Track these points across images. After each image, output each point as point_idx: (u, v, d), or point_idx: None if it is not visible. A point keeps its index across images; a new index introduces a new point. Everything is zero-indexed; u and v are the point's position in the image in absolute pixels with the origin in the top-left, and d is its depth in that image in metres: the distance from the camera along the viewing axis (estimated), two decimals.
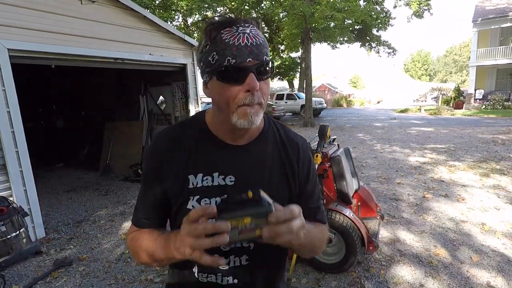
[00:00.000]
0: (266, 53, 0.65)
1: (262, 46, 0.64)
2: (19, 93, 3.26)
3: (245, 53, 0.61)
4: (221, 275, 0.78)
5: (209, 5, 15.05)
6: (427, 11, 15.84)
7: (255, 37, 0.63)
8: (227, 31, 0.62)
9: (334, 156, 2.61)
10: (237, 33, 0.62)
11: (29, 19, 3.31)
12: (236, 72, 0.63)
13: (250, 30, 0.63)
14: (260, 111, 0.67)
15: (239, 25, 0.63)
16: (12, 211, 2.95)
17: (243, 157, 0.75)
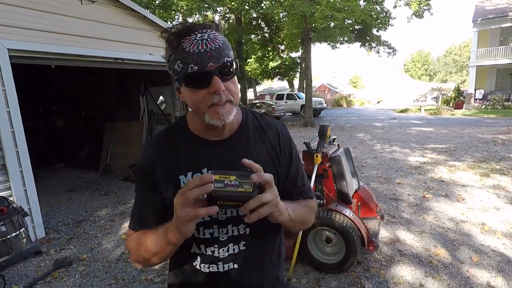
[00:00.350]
0: (227, 55, 0.68)
1: (222, 48, 0.67)
2: (19, 93, 3.26)
3: (205, 59, 0.65)
4: (222, 263, 0.81)
5: (209, 5, 15.05)
6: (427, 11, 15.84)
7: (213, 41, 0.66)
8: (186, 39, 0.66)
9: (334, 156, 2.61)
10: (196, 41, 0.65)
11: (29, 19, 3.31)
12: (201, 77, 0.67)
13: (208, 35, 0.67)
14: (232, 108, 0.72)
15: (197, 32, 0.67)
16: (12, 211, 2.95)
17: (228, 150, 0.79)
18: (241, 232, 0.81)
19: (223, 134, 0.80)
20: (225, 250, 0.81)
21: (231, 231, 0.80)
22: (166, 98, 6.27)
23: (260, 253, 0.86)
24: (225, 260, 0.81)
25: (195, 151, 0.79)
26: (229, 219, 0.79)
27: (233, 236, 0.81)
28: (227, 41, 0.71)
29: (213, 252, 0.81)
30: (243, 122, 0.84)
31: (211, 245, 0.80)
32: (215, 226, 0.79)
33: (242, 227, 0.81)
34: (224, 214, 0.79)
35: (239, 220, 0.80)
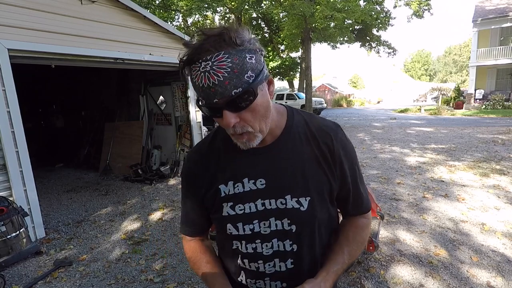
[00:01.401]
0: (236, 85, 0.59)
1: (229, 79, 0.58)
2: (19, 93, 3.26)
3: (210, 95, 0.60)
4: (269, 280, 0.79)
5: (209, 5, 15.05)
6: (427, 11, 15.84)
7: (216, 73, 0.58)
8: (194, 68, 0.60)
9: None
10: (199, 73, 0.59)
11: (29, 19, 3.31)
12: (211, 110, 0.63)
13: (212, 66, 0.58)
14: (254, 136, 0.67)
15: (201, 60, 0.59)
16: (12, 211, 2.95)
17: (270, 158, 0.75)
18: (288, 249, 0.76)
19: (265, 141, 0.74)
20: (271, 265, 0.77)
21: (276, 246, 0.76)
22: (166, 98, 6.27)
23: (311, 273, 0.78)
24: (272, 277, 0.78)
25: (236, 159, 0.76)
26: (274, 233, 0.75)
27: (279, 251, 0.76)
28: (242, 61, 0.59)
29: (258, 268, 0.78)
30: (287, 127, 0.77)
31: (255, 260, 0.77)
32: (258, 241, 0.76)
33: (289, 243, 0.76)
34: (268, 227, 0.75)
35: (285, 235, 0.75)
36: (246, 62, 0.60)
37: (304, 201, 0.73)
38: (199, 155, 0.81)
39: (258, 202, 0.74)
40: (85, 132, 7.70)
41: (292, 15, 12.48)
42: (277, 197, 0.73)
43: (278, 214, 0.74)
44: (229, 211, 0.75)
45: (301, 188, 0.73)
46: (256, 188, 0.74)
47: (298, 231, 0.75)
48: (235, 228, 0.75)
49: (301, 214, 0.73)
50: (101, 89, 7.40)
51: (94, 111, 7.63)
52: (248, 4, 15.81)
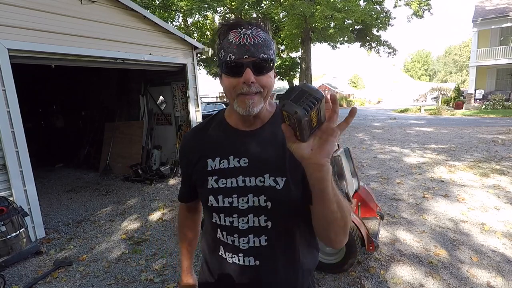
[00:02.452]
0: (264, 52, 0.73)
1: (261, 45, 0.72)
2: (19, 93, 3.26)
3: (242, 51, 0.71)
4: (242, 255, 0.83)
5: (209, 5, 15.04)
6: (427, 11, 15.82)
7: (254, 37, 0.72)
8: (233, 32, 0.74)
9: (334, 156, 2.61)
10: (239, 34, 0.73)
11: (29, 19, 3.32)
12: (236, 66, 0.73)
13: (252, 32, 0.73)
14: (260, 100, 0.76)
15: (243, 27, 0.74)
16: (12, 211, 2.95)
17: (255, 140, 0.83)
18: (262, 224, 0.80)
19: (254, 125, 0.84)
20: (245, 241, 0.82)
21: (251, 221, 0.81)
22: (166, 98, 6.27)
23: (284, 252, 0.82)
24: (246, 253, 0.82)
25: (225, 139, 0.86)
26: (250, 209, 0.80)
27: (254, 227, 0.81)
28: (270, 40, 0.76)
29: (233, 242, 0.83)
30: (274, 115, 0.87)
31: (232, 233, 0.83)
32: (235, 215, 0.81)
33: (263, 219, 0.80)
34: (246, 203, 0.80)
35: (261, 211, 0.80)
36: (272, 43, 0.77)
37: (281, 180, 0.79)
38: (193, 135, 0.93)
39: (239, 179, 0.81)
40: (85, 132, 7.70)
41: (292, 15, 12.48)
42: (256, 175, 0.80)
43: (256, 191, 0.80)
44: (213, 184, 0.82)
45: (279, 169, 0.80)
46: (240, 165, 0.81)
47: (273, 207, 0.79)
48: (216, 200, 0.82)
49: (277, 192, 0.78)
50: (101, 89, 7.40)
51: (94, 111, 7.63)
52: (248, 4, 15.80)
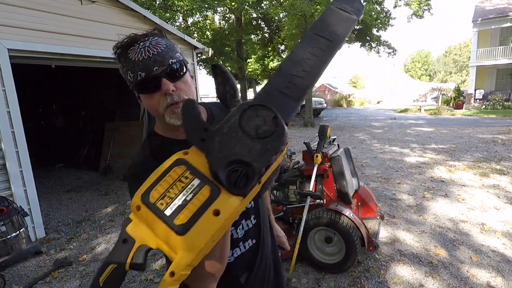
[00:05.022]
0: (171, 57, 0.71)
1: (165, 52, 0.71)
2: (19, 93, 3.26)
3: (150, 64, 0.69)
4: (242, 243, 0.86)
5: (210, 5, 15.05)
6: (427, 11, 15.82)
7: (155, 47, 0.70)
8: (131, 50, 0.71)
9: (334, 156, 2.61)
10: (139, 49, 0.70)
11: (29, 19, 3.32)
12: (150, 82, 0.71)
13: (150, 42, 0.71)
14: None
15: (139, 41, 0.71)
16: (12, 211, 2.95)
17: None
18: (248, 206, 0.85)
19: None
20: (241, 229, 0.85)
21: None
22: None
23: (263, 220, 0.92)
24: (244, 239, 0.85)
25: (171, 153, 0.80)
26: None
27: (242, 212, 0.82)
28: (172, 44, 0.75)
29: (232, 236, 0.84)
30: (209, 115, 0.87)
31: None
32: None
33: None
34: None
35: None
36: (175, 46, 0.75)
37: None
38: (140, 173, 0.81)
39: None
40: (85, 132, 7.69)
41: (292, 15, 12.47)
42: None
43: None
44: None
45: None
46: None
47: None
48: None
49: None
50: (101, 89, 7.40)
51: (94, 111, 7.63)
52: (248, 4, 15.81)
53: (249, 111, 0.42)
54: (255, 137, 0.40)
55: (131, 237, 0.42)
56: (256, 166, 0.39)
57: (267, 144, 0.40)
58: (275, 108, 0.43)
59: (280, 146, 0.41)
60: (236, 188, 0.39)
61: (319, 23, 0.52)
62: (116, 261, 0.42)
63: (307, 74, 0.48)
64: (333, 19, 0.52)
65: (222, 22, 19.91)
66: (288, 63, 0.49)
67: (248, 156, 0.39)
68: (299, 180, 2.74)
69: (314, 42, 0.50)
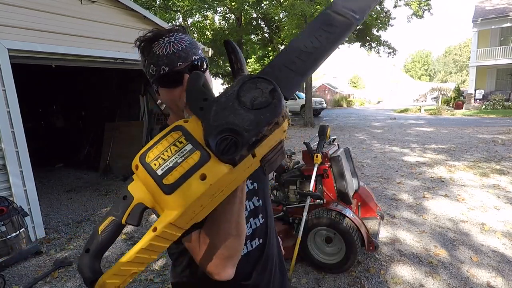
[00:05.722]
0: (195, 53, 0.73)
1: (189, 48, 0.72)
2: (19, 93, 3.26)
3: (174, 59, 0.70)
4: (249, 241, 0.84)
5: (210, 5, 15.05)
6: (427, 11, 15.82)
7: (179, 43, 0.71)
8: (156, 44, 0.72)
9: (334, 156, 2.61)
10: (164, 44, 0.71)
11: (29, 19, 3.32)
12: (173, 76, 0.71)
13: (175, 38, 0.72)
14: None
15: (164, 36, 0.72)
16: (12, 211, 2.95)
17: None
18: (256, 204, 0.85)
19: None
20: (248, 227, 0.84)
21: (248, 206, 0.83)
22: None
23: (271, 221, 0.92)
24: (251, 238, 0.84)
25: None
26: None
27: (251, 210, 0.84)
28: (195, 41, 0.76)
29: None
30: None
31: None
32: None
33: (256, 199, 0.85)
34: None
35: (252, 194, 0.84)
36: (197, 44, 0.76)
37: None
38: None
39: None
40: (85, 132, 7.69)
41: (292, 15, 12.47)
42: None
43: None
44: None
45: None
46: None
47: (259, 186, 0.86)
48: None
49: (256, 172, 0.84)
50: (101, 89, 7.40)
51: (94, 111, 7.63)
52: (248, 4, 15.80)
53: (249, 83, 0.43)
54: (250, 108, 0.41)
55: (131, 195, 0.44)
56: (246, 136, 0.39)
57: (260, 115, 0.40)
58: (277, 82, 0.43)
59: (274, 118, 0.41)
60: (225, 156, 0.40)
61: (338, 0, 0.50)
62: (114, 214, 0.44)
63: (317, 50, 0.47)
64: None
65: (222, 22, 19.91)
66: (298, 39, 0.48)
67: (240, 125, 0.40)
68: (299, 180, 2.74)
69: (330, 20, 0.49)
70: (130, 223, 0.44)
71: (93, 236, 0.43)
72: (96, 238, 0.43)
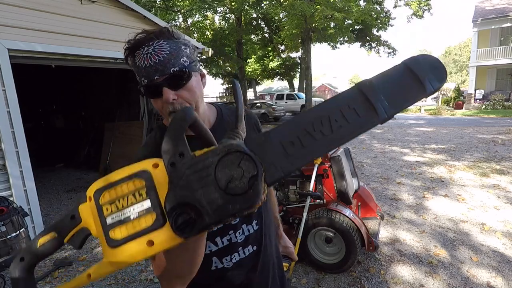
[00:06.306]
0: (174, 64, 0.68)
1: (167, 59, 0.68)
2: (19, 93, 3.26)
3: (151, 72, 0.68)
4: (241, 248, 0.82)
5: (209, 6, 15.06)
6: (427, 11, 15.84)
7: (157, 54, 0.67)
8: (137, 54, 0.69)
9: (334, 156, 2.61)
10: (142, 55, 0.68)
11: (29, 19, 3.32)
12: (152, 89, 0.70)
13: (153, 48, 0.68)
14: None
15: (144, 45, 0.68)
16: (12, 211, 2.95)
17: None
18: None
19: None
20: (241, 233, 0.82)
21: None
22: None
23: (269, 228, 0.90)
24: (244, 244, 0.82)
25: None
26: None
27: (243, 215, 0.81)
28: (178, 47, 0.70)
29: (230, 240, 0.81)
30: (219, 116, 0.87)
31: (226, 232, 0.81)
32: None
33: None
34: None
35: None
36: (182, 50, 0.71)
37: None
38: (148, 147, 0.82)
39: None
40: (85, 132, 7.69)
41: (292, 15, 12.48)
42: None
43: None
44: None
45: None
46: None
47: None
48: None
49: None
50: (101, 89, 7.40)
51: (94, 111, 7.63)
52: (248, 4, 15.81)
53: (232, 156, 0.37)
54: (222, 189, 0.36)
55: (79, 217, 0.41)
56: (206, 221, 0.36)
57: (229, 203, 0.36)
58: (264, 160, 0.38)
59: (244, 211, 0.37)
60: (178, 231, 0.36)
61: (375, 80, 0.41)
62: (58, 231, 0.42)
63: (324, 138, 0.39)
64: (395, 82, 0.41)
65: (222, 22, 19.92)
66: (309, 113, 0.41)
67: (205, 207, 0.36)
68: (299, 180, 2.74)
69: (355, 103, 0.40)
70: (72, 245, 0.41)
71: (31, 246, 0.41)
72: (33, 249, 0.41)
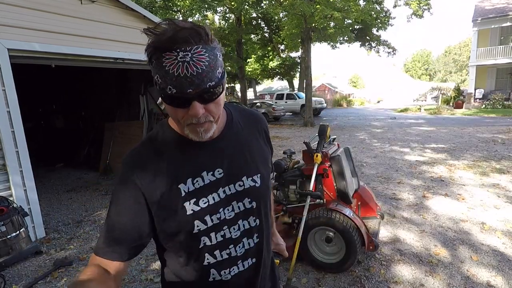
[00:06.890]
0: (211, 78, 0.61)
1: (206, 72, 0.60)
2: (19, 93, 3.26)
3: (185, 84, 0.60)
4: (241, 261, 0.82)
5: (209, 5, 15.05)
6: (427, 10, 15.81)
7: (196, 64, 0.59)
8: (167, 55, 0.59)
9: (334, 155, 2.61)
10: (176, 62, 0.59)
11: (29, 19, 3.31)
12: (179, 100, 0.63)
13: (192, 57, 0.59)
14: (211, 126, 0.70)
15: (179, 49, 0.59)
16: (12, 211, 2.95)
17: (221, 148, 0.79)
18: (252, 224, 0.82)
19: (213, 134, 0.75)
20: (241, 247, 0.81)
21: (242, 226, 0.81)
22: None
23: (268, 240, 0.89)
24: (243, 258, 0.82)
25: (187, 157, 0.75)
26: (237, 215, 0.79)
27: (246, 230, 0.81)
28: (216, 56, 0.63)
29: (230, 254, 0.79)
30: (228, 119, 0.83)
31: (226, 246, 0.79)
32: (225, 227, 0.78)
33: (252, 219, 0.82)
34: (232, 211, 0.79)
35: (248, 213, 0.81)
36: (218, 59, 0.64)
37: (257, 178, 0.82)
38: (142, 161, 0.74)
39: (220, 191, 0.76)
40: (85, 132, 7.69)
41: (292, 15, 12.47)
42: (235, 182, 0.79)
43: (238, 197, 0.79)
44: (193, 208, 0.73)
45: (253, 167, 0.82)
46: (216, 178, 0.76)
47: (257, 205, 0.83)
48: (203, 222, 0.74)
49: (257, 189, 0.82)
50: (101, 89, 7.40)
51: (94, 111, 7.63)
52: (248, 4, 15.80)
53: None
54: None
55: None
56: None
57: None
58: None
59: None
60: None
61: None
62: None
63: None
64: None
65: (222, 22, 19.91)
66: None
67: None
68: (299, 180, 2.74)
69: None
70: None
71: None
72: None
